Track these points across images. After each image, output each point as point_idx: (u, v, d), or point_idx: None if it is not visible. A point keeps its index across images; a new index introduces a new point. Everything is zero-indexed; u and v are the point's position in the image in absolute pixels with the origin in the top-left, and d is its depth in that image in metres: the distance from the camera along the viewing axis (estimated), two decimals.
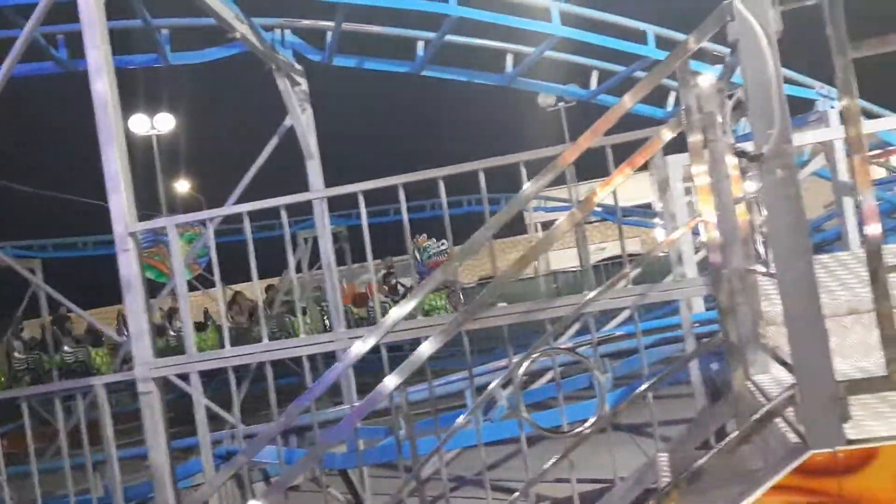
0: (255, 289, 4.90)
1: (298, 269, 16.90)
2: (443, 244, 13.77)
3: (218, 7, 6.31)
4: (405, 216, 4.31)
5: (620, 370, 6.58)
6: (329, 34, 7.75)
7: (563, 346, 3.45)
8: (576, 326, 7.07)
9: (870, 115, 8.42)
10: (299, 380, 7.55)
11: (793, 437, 2.46)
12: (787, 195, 2.33)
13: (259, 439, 3.72)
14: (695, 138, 2.41)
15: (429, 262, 13.35)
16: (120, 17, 7.69)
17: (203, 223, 6.69)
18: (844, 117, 2.32)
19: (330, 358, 5.21)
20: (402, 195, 4.29)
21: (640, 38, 7.80)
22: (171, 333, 15.48)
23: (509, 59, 8.32)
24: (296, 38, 7.85)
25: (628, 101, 2.42)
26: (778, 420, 2.66)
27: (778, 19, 2.35)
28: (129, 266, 4.86)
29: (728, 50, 2.63)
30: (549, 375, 6.90)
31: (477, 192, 3.94)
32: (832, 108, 7.46)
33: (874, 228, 2.28)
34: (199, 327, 15.57)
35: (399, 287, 15.81)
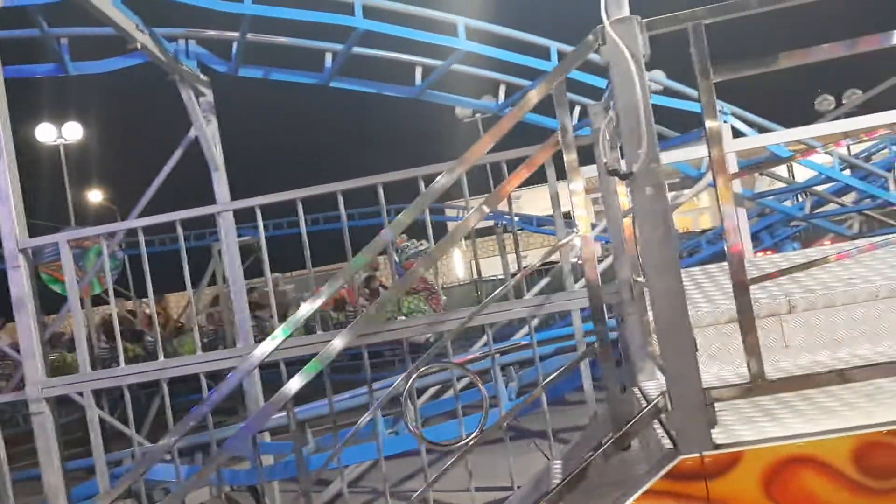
0: (150, 303, 4.85)
1: (213, 282, 16.64)
2: (422, 244, 13.50)
3: (117, 17, 6.18)
4: (303, 228, 4.48)
5: (528, 377, 6.72)
6: (234, 45, 7.67)
7: (454, 361, 3.50)
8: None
9: (762, 129, 8.83)
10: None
11: (667, 443, 2.58)
12: (656, 211, 2.44)
13: (150, 457, 3.65)
14: (571, 157, 2.50)
15: (406, 262, 13.05)
16: (18, 27, 7.44)
17: (108, 236, 6.53)
18: (708, 137, 2.45)
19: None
20: (300, 209, 4.41)
21: (544, 54, 7.98)
22: (102, 346, 14.99)
23: (419, 72, 8.39)
24: (201, 49, 7.74)
25: (505, 125, 2.51)
26: (658, 425, 2.78)
27: (646, 44, 2.46)
28: (20, 284, 4.71)
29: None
30: (466, 381, 6.98)
31: (407, 202, 4.03)
32: (725, 122, 7.79)
33: (735, 243, 2.41)
34: (136, 337, 15.23)
35: (381, 290, 15.57)
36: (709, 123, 2.42)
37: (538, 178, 3.78)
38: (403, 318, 9.21)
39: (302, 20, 7.18)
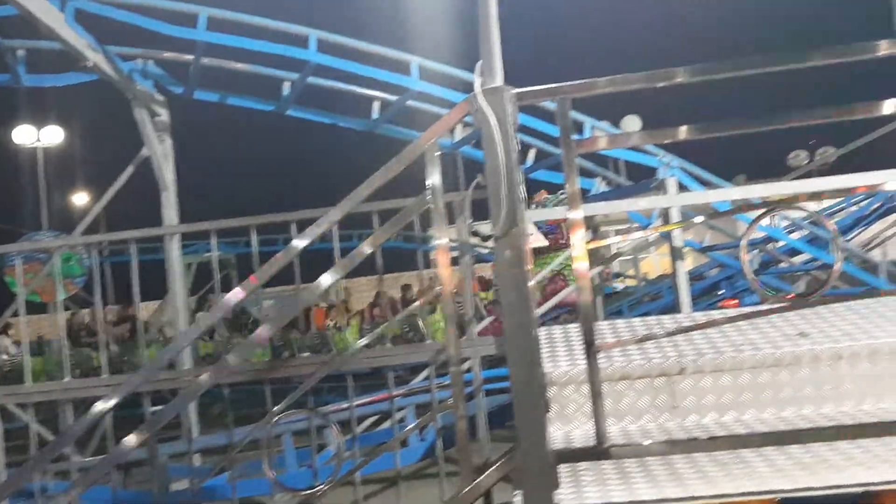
0: (97, 314, 4.91)
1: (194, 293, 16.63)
2: (562, 193, 12.70)
3: (68, 35, 6.25)
4: (255, 251, 4.55)
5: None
6: (190, 68, 7.76)
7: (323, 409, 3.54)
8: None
9: (707, 184, 9.00)
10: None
11: (518, 500, 2.63)
12: (514, 274, 2.51)
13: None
14: (439, 216, 2.58)
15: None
16: None
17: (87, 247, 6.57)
18: (568, 200, 2.52)
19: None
20: (254, 236, 4.50)
21: None
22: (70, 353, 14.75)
23: (376, 106, 8.51)
24: (159, 70, 7.81)
25: (377, 180, 2.59)
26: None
27: (515, 113, 2.55)
28: None
29: None
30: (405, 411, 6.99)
31: (370, 228, 4.12)
32: (672, 176, 7.94)
33: (586, 299, 2.48)
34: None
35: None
36: (569, 188, 2.50)
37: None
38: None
39: (257, 50, 7.28)
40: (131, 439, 2.46)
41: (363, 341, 3.58)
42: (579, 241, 2.50)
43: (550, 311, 11.85)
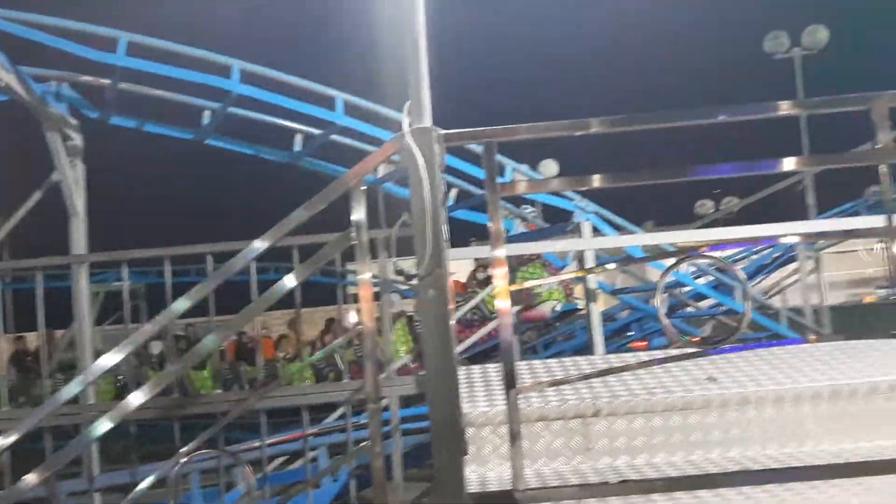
0: None
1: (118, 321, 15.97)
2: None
3: None
4: (168, 282, 4.56)
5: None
6: (108, 93, 7.56)
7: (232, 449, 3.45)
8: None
9: (619, 228, 9.25)
10: None
11: None
12: (437, 314, 2.52)
13: None
14: (362, 253, 2.57)
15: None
16: None
17: None
18: (492, 239, 2.54)
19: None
20: (167, 267, 4.41)
21: None
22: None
23: (298, 139, 8.45)
24: (73, 93, 7.58)
25: (301, 215, 2.57)
26: None
27: (442, 154, 2.58)
28: None
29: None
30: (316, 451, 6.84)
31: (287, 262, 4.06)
32: (587, 220, 8.13)
33: (507, 339, 2.49)
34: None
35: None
36: (492, 227, 2.53)
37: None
38: None
39: (178, 78, 7.17)
40: (31, 478, 2.33)
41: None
42: (501, 280, 2.52)
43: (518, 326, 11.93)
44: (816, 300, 14.32)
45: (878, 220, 7.55)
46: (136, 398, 2.59)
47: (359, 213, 2.58)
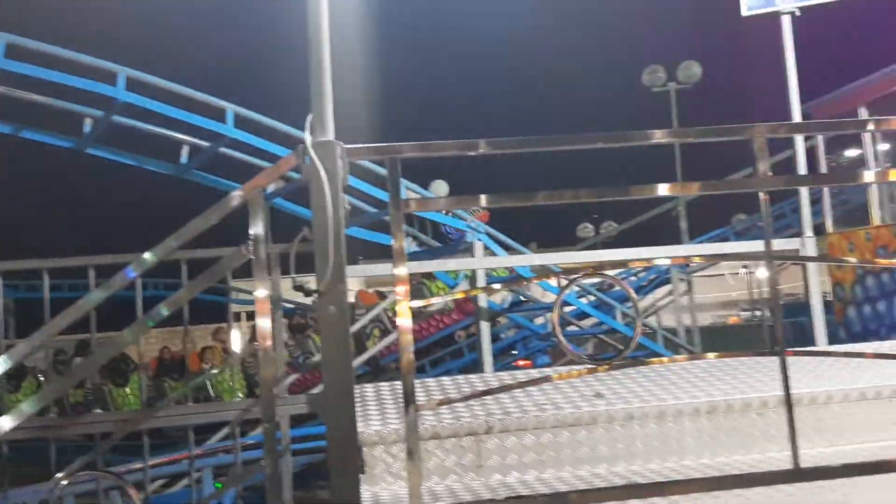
0: None
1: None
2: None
3: None
4: (46, 296, 4.37)
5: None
6: None
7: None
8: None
9: (509, 249, 9.45)
10: None
11: None
12: (336, 330, 2.49)
13: None
14: (259, 268, 2.52)
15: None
16: None
17: None
18: (394, 257, 2.54)
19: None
20: (45, 281, 4.22)
21: None
22: None
23: (185, 150, 8.20)
24: None
25: (194, 227, 2.50)
26: None
27: (346, 168, 2.56)
28: None
29: None
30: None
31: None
32: (479, 240, 8.26)
33: (408, 357, 2.50)
34: None
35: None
36: (395, 245, 2.53)
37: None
38: None
39: (61, 83, 6.83)
40: None
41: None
42: (403, 298, 2.52)
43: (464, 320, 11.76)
44: (688, 321, 15.05)
45: (750, 245, 8.02)
46: (6, 421, 2.44)
47: (257, 227, 2.53)
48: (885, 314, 7.15)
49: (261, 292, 2.51)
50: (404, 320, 2.49)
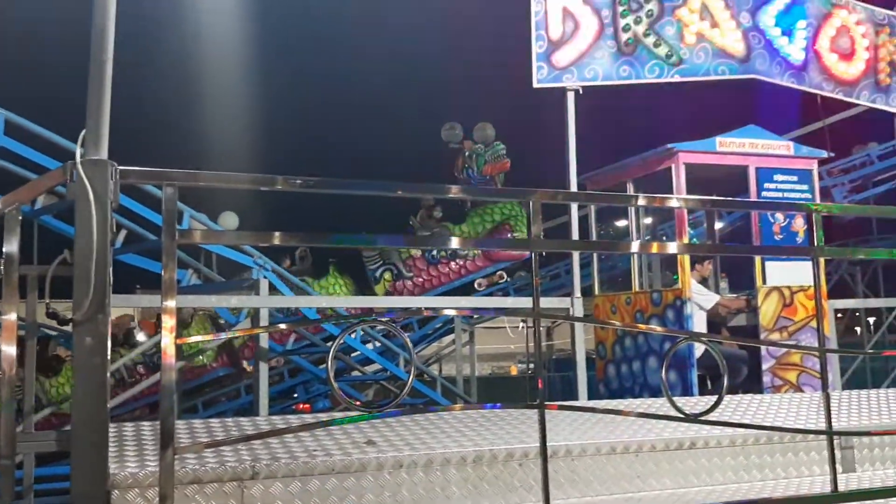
0: None
1: None
2: (498, 144, 10.09)
3: None
4: None
5: None
6: None
7: None
8: None
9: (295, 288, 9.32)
10: None
11: None
12: (93, 363, 2.31)
13: None
14: (11, 289, 2.29)
15: (486, 167, 9.41)
16: None
17: None
18: (163, 289, 2.40)
19: None
20: None
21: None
22: None
23: None
24: None
25: None
26: None
27: (116, 191, 2.41)
28: None
29: None
30: None
31: None
32: (265, 277, 8.07)
33: (168, 391, 2.35)
34: None
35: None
36: (165, 276, 2.40)
37: None
38: None
39: None
40: None
41: None
42: (168, 330, 2.39)
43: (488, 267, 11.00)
44: (468, 370, 15.55)
45: (524, 301, 8.47)
46: None
47: (12, 245, 2.30)
48: (638, 373, 7.79)
49: (10, 316, 2.28)
50: (168, 358, 2.35)
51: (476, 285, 11.95)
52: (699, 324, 7.58)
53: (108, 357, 2.35)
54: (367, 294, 11.08)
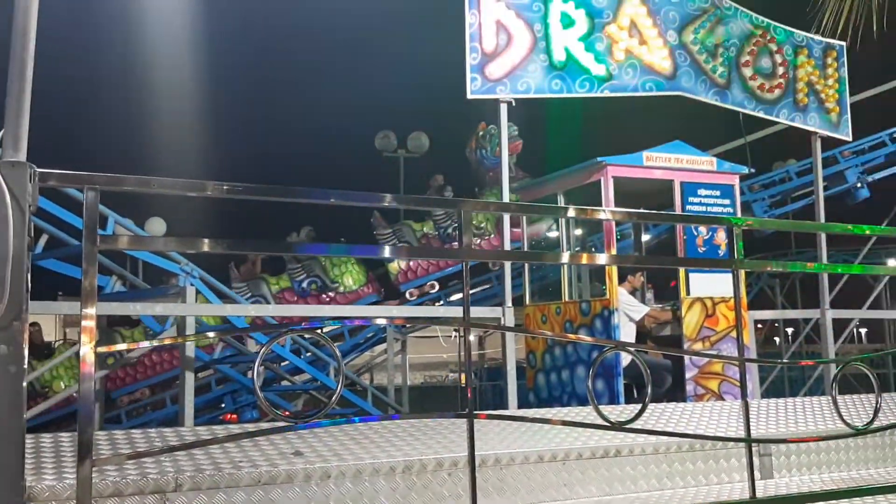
0: None
1: None
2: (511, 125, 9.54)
3: None
4: None
5: None
6: None
7: None
8: None
9: (223, 296, 9.16)
10: None
11: None
12: (10, 372, 2.23)
13: None
14: None
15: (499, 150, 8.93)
16: None
17: None
18: (84, 297, 2.33)
19: None
20: None
21: None
22: None
23: None
24: None
25: None
26: None
27: (36, 194, 2.33)
28: None
29: None
30: None
31: None
32: (192, 285, 7.91)
33: (87, 402, 2.29)
34: None
35: None
36: (85, 282, 2.32)
37: None
38: None
39: None
40: None
41: None
42: (88, 341, 2.32)
43: None
44: (400, 380, 15.51)
45: (454, 311, 8.51)
46: None
47: None
48: (567, 382, 7.90)
49: None
50: (87, 367, 2.29)
51: (408, 295, 11.96)
52: (629, 334, 7.74)
53: (25, 366, 2.27)
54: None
